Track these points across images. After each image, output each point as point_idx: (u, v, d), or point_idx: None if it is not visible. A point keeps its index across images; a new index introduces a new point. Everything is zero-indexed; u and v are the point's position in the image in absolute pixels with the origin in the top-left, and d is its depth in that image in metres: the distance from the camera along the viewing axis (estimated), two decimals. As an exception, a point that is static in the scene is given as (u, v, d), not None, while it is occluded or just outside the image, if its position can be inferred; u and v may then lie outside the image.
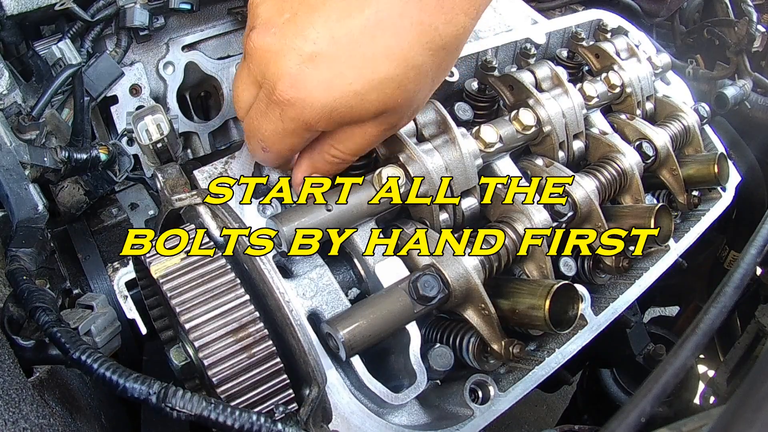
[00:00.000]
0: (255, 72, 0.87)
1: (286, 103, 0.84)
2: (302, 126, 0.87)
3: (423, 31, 0.82)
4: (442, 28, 0.83)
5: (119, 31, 1.33)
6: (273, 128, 0.88)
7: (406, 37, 0.82)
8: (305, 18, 0.82)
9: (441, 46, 0.85)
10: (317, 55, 0.81)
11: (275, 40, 0.83)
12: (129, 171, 1.29)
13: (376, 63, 0.82)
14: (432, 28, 0.83)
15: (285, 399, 0.86)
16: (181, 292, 0.84)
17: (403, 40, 0.82)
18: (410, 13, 0.81)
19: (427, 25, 0.82)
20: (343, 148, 0.94)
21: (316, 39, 0.81)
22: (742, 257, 0.94)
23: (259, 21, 0.85)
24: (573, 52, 1.51)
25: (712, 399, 2.01)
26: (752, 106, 2.04)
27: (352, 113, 0.86)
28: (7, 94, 1.13)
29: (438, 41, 0.84)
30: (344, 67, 0.82)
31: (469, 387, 1.00)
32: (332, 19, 0.81)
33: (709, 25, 2.19)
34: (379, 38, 0.81)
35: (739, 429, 0.52)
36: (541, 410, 3.74)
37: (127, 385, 0.74)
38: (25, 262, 1.00)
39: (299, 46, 0.82)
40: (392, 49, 0.82)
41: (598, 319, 1.15)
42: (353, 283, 1.05)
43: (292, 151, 0.95)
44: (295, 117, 0.85)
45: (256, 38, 0.84)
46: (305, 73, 0.82)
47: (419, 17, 0.81)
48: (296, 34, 0.82)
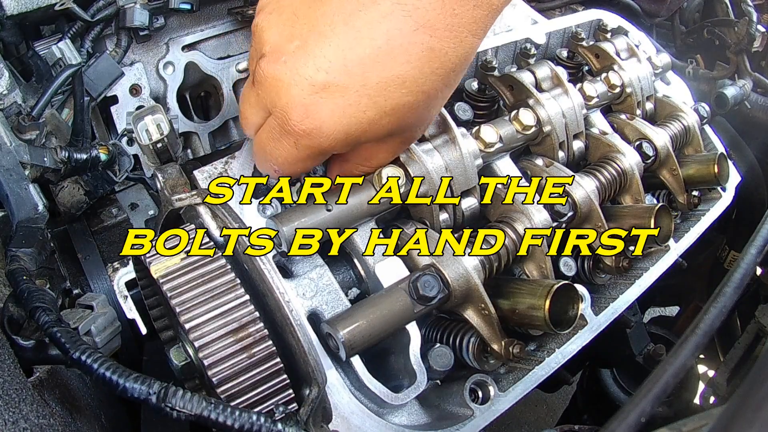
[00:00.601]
0: (265, 100, 0.86)
1: (301, 133, 0.84)
2: (317, 152, 0.88)
3: (433, 57, 0.82)
4: (451, 53, 0.83)
5: (119, 31, 1.33)
6: (286, 154, 0.89)
7: (417, 64, 0.82)
8: (316, 46, 0.81)
9: (450, 69, 0.85)
10: (330, 85, 0.81)
11: (286, 70, 0.82)
12: (129, 171, 1.29)
13: (388, 91, 0.82)
14: (442, 54, 0.83)
15: (285, 399, 0.86)
16: (181, 292, 0.84)
17: (414, 68, 0.82)
18: (420, 40, 0.81)
19: (437, 50, 0.82)
20: (367, 165, 0.99)
21: (328, 69, 0.81)
22: (742, 257, 0.94)
23: (267, 48, 0.84)
24: (573, 52, 1.51)
25: (712, 399, 2.01)
26: (752, 106, 2.04)
27: (366, 136, 0.87)
28: (7, 94, 1.13)
29: (447, 65, 0.84)
30: (357, 95, 0.82)
31: (469, 387, 1.00)
32: (343, 47, 0.81)
33: (709, 25, 2.19)
34: (390, 66, 0.81)
35: (739, 429, 0.52)
36: (541, 410, 3.74)
37: (127, 385, 0.74)
38: (25, 262, 1.00)
39: (311, 76, 0.81)
40: (404, 77, 0.82)
41: (598, 319, 1.15)
42: (353, 283, 1.05)
43: (306, 171, 0.96)
44: (309, 145, 0.86)
45: (266, 67, 0.83)
46: (319, 103, 0.82)
47: (429, 43, 0.81)
48: (307, 63, 0.81)
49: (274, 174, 0.96)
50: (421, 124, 0.95)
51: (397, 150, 1.00)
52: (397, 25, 0.80)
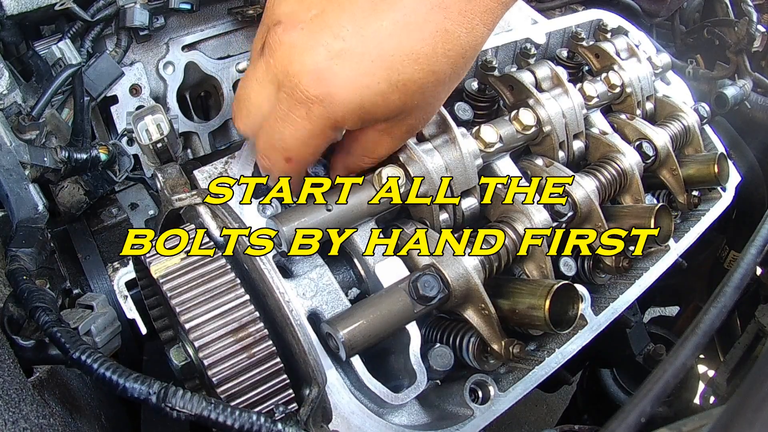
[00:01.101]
0: (276, 69, 0.85)
1: (314, 99, 0.83)
2: (330, 124, 0.86)
3: (446, 39, 0.83)
4: (463, 37, 0.85)
5: (119, 31, 1.33)
6: (297, 131, 0.87)
7: (430, 43, 0.83)
8: (334, 15, 0.82)
9: (460, 54, 0.86)
10: (345, 52, 0.81)
11: (302, 35, 0.82)
12: (129, 171, 1.29)
13: (402, 65, 0.83)
14: (454, 36, 0.84)
15: (285, 399, 0.86)
16: (181, 292, 0.84)
17: (428, 46, 0.83)
18: (435, 20, 0.82)
19: (450, 33, 0.83)
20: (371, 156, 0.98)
21: (345, 36, 0.81)
22: (742, 257, 0.94)
23: (283, 16, 0.85)
24: (573, 52, 1.51)
25: (712, 399, 2.01)
26: (752, 106, 2.04)
27: (376, 111, 0.87)
28: (7, 94, 1.13)
29: (458, 49, 0.85)
30: (372, 65, 0.82)
31: (469, 387, 1.00)
32: (361, 18, 0.82)
33: (709, 25, 2.19)
34: (405, 41, 0.82)
35: (739, 429, 0.52)
36: (541, 410, 3.74)
37: (127, 385, 0.74)
38: (25, 262, 1.00)
39: (328, 42, 0.81)
40: (417, 53, 0.83)
41: (598, 319, 1.15)
42: (353, 283, 1.05)
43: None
44: (322, 114, 0.84)
45: (282, 33, 0.84)
46: (333, 69, 0.82)
47: (443, 25, 0.82)
48: (324, 30, 0.82)
49: (285, 166, 0.93)
50: (427, 110, 0.95)
51: (401, 139, 0.98)
52: (414, 1, 0.81)
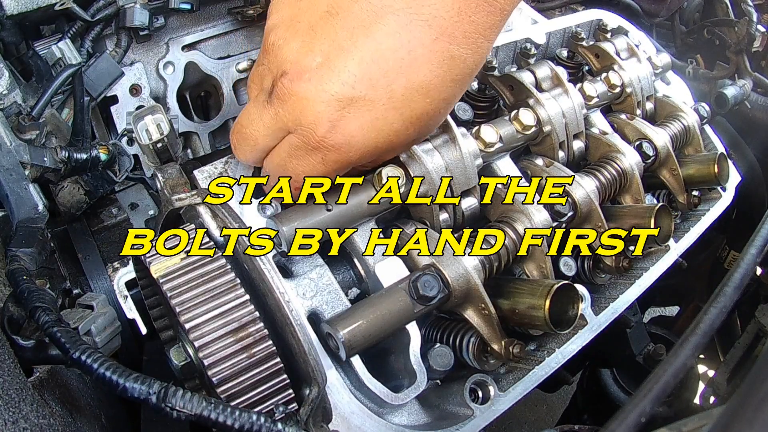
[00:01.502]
0: (286, 119, 0.86)
1: (330, 148, 0.84)
2: (344, 166, 0.89)
3: (452, 65, 0.84)
4: (469, 59, 0.85)
5: (119, 31, 1.33)
6: (311, 170, 0.89)
7: (439, 73, 0.83)
8: (339, 61, 0.81)
9: (468, 74, 0.87)
10: (356, 100, 0.82)
11: (311, 87, 0.82)
12: (129, 171, 1.29)
13: (413, 101, 0.84)
14: (461, 60, 0.84)
15: (285, 399, 0.87)
16: (181, 292, 0.84)
17: (436, 76, 0.83)
18: (440, 48, 0.82)
19: (456, 57, 0.83)
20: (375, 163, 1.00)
21: (353, 83, 0.81)
22: (742, 257, 0.94)
23: (288, 66, 0.84)
24: (573, 52, 1.51)
25: (712, 399, 2.01)
26: (752, 106, 2.04)
27: (392, 147, 0.90)
28: (7, 94, 1.13)
29: (465, 71, 0.86)
30: (384, 108, 0.83)
31: (469, 387, 1.00)
32: (367, 61, 0.81)
33: (709, 25, 2.19)
34: (414, 77, 0.82)
35: (739, 429, 0.52)
36: (541, 410, 3.74)
37: (127, 385, 0.74)
38: (25, 262, 1.00)
39: (337, 91, 0.81)
40: (426, 86, 0.83)
41: (598, 319, 1.15)
42: (353, 283, 1.05)
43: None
44: (337, 159, 0.87)
45: (290, 85, 0.83)
46: (347, 118, 0.82)
47: (449, 51, 0.82)
48: (332, 79, 0.81)
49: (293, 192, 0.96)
50: (435, 128, 0.97)
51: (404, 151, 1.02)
52: (417, 35, 0.80)
